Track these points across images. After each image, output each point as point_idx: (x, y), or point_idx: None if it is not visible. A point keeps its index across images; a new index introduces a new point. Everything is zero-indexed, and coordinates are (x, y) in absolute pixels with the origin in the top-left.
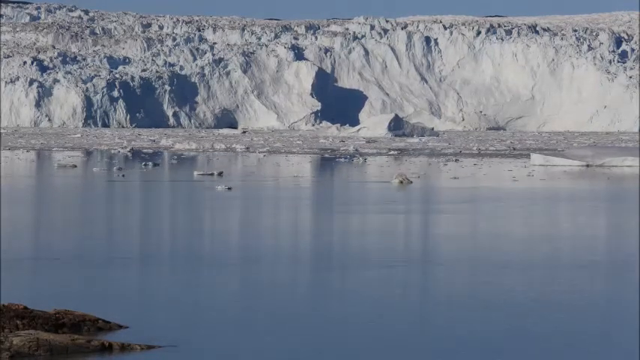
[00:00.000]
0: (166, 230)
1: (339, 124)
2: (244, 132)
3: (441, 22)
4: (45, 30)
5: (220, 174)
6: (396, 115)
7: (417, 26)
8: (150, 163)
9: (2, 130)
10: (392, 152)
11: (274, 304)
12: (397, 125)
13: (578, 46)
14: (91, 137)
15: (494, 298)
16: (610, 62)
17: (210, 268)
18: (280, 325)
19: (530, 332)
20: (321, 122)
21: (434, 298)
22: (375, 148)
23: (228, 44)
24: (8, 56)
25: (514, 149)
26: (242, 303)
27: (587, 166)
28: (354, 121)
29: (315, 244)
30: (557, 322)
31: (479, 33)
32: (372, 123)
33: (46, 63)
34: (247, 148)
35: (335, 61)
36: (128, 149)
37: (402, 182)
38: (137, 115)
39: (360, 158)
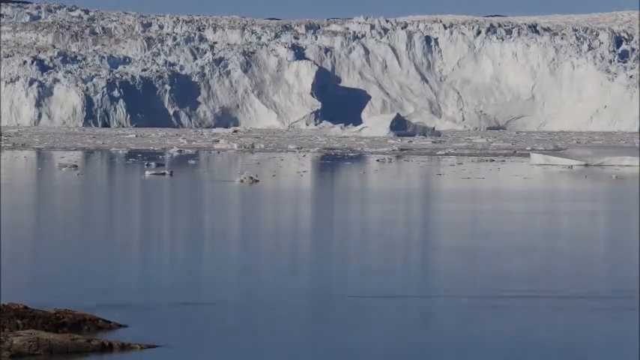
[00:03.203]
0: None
1: (342, 124)
2: (235, 131)
3: (441, 21)
4: (45, 29)
5: (171, 173)
6: (398, 115)
7: (417, 26)
8: (152, 163)
9: (16, 131)
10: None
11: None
12: (399, 125)
13: (578, 45)
14: (147, 138)
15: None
16: (610, 62)
17: None
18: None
19: None
20: (321, 122)
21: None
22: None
23: (228, 44)
24: (8, 56)
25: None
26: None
27: (586, 165)
28: (355, 121)
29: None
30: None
31: (479, 33)
32: (374, 123)
33: (46, 62)
34: (299, 148)
35: (335, 61)
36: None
37: (242, 181)
38: (137, 114)
39: (386, 158)
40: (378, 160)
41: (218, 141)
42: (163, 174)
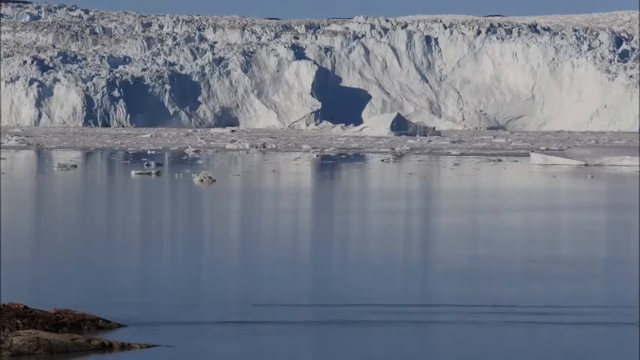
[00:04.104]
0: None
1: (343, 124)
2: (233, 131)
3: (441, 21)
4: (45, 29)
5: (158, 173)
6: (399, 115)
7: (417, 25)
8: (152, 163)
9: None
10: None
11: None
12: (400, 125)
13: (578, 45)
14: (165, 138)
15: None
16: (610, 62)
17: None
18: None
19: None
20: (321, 122)
21: None
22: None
23: (228, 43)
24: (8, 55)
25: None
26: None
27: (586, 165)
28: (355, 121)
29: None
30: None
31: (479, 32)
32: (375, 122)
33: (46, 62)
34: (314, 147)
35: (335, 61)
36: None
37: (202, 181)
38: (138, 114)
39: (390, 157)
40: (383, 160)
41: (235, 140)
42: (149, 174)
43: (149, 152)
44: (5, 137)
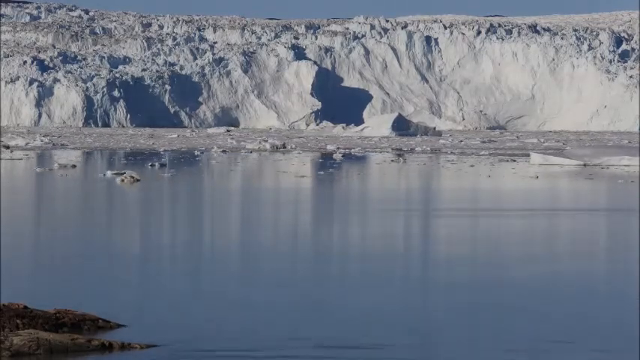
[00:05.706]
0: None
1: (344, 124)
2: (228, 131)
3: (441, 21)
4: (45, 29)
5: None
6: (400, 115)
7: (417, 26)
8: (156, 163)
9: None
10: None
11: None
12: (401, 125)
13: (578, 45)
14: (191, 139)
15: None
16: (610, 62)
17: None
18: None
19: None
20: (321, 122)
21: None
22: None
23: (228, 44)
24: (8, 56)
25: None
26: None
27: (585, 165)
28: (355, 121)
29: None
30: None
31: (479, 32)
32: (376, 122)
33: (46, 62)
34: (338, 148)
35: (335, 61)
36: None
37: (123, 181)
38: (138, 114)
39: (401, 159)
40: (392, 161)
41: (266, 140)
42: (122, 173)
43: (197, 152)
44: (31, 137)
